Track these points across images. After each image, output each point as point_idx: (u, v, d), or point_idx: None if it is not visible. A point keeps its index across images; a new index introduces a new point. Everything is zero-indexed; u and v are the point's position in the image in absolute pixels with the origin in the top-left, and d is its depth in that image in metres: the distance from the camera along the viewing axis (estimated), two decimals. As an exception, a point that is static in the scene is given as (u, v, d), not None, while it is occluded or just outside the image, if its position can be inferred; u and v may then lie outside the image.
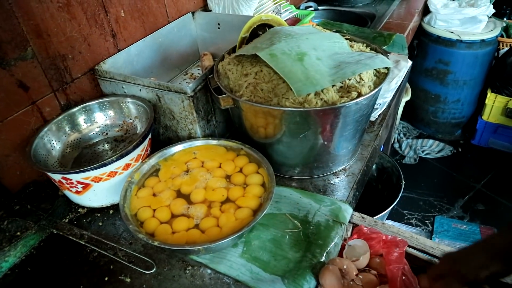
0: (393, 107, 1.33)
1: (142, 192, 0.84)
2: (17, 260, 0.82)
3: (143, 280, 0.76)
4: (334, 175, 0.97)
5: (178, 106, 0.94)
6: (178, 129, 1.00)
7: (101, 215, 0.91)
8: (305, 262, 0.75)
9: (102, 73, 1.02)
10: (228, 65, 0.93)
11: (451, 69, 2.31)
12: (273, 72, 0.84)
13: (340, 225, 0.83)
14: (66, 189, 0.86)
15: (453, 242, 1.90)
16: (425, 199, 2.19)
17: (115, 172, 0.84)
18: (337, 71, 0.84)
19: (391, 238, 0.81)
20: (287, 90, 0.81)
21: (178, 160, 0.91)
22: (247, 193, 0.82)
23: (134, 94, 1.00)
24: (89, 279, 0.77)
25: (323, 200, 0.89)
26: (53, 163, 0.93)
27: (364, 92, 0.82)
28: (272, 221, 0.85)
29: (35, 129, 0.95)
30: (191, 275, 0.76)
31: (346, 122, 0.84)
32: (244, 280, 0.73)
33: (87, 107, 1.02)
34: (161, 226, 0.77)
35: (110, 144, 1.02)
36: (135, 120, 1.02)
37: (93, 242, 0.83)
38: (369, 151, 1.05)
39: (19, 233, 0.85)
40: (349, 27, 1.54)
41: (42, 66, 0.93)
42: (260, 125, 0.87)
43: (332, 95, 0.80)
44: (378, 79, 0.88)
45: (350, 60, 0.88)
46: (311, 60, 0.86)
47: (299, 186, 0.95)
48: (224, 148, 0.93)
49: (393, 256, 0.74)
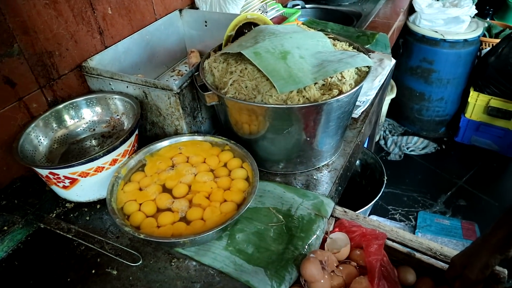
0: (377, 105, 1.36)
1: (128, 187, 0.85)
2: (4, 254, 0.83)
3: (129, 273, 0.77)
4: (317, 171, 1.00)
5: (165, 103, 0.96)
6: (165, 125, 1.02)
7: (88, 209, 0.92)
8: (287, 254, 0.78)
9: (89, 70, 1.03)
10: (214, 62, 0.95)
11: (435, 67, 2.36)
12: (257, 70, 0.86)
13: (322, 219, 0.86)
14: (53, 184, 0.87)
15: (435, 236, 1.96)
16: (409, 195, 2.24)
17: (102, 167, 0.86)
18: (320, 69, 0.87)
19: (371, 231, 0.84)
20: (271, 87, 0.83)
21: (164, 155, 0.92)
22: (231, 187, 0.84)
23: (121, 91, 1.01)
24: (76, 272, 0.79)
25: (306, 195, 0.92)
26: (40, 158, 0.93)
27: (345, 89, 0.84)
28: (256, 214, 0.87)
29: (22, 125, 0.95)
30: (176, 267, 0.78)
31: (328, 118, 0.87)
32: (228, 272, 0.76)
33: (74, 104, 1.03)
34: (147, 219, 0.78)
35: (97, 140, 1.03)
36: (122, 117, 1.04)
37: (80, 236, 0.84)
38: (351, 147, 1.08)
39: (6, 227, 0.86)
40: (334, 26, 1.57)
41: (28, 62, 0.93)
42: (245, 122, 0.89)
43: (314, 92, 0.83)
44: (359, 77, 0.91)
45: (332, 58, 0.91)
46: (294, 58, 0.88)
47: (283, 181, 0.97)
48: (209, 143, 0.95)
49: (372, 248, 0.77)
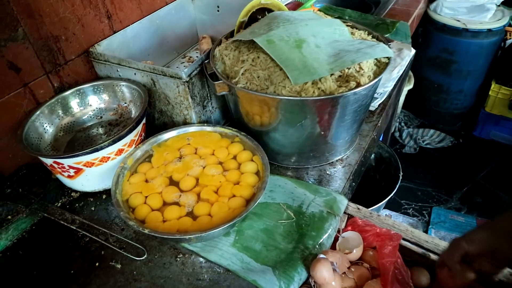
0: (394, 97, 1.31)
1: (134, 178, 0.82)
2: (8, 243, 0.81)
3: (133, 267, 0.75)
4: (331, 165, 0.96)
5: (173, 91, 0.92)
6: (173, 115, 0.98)
7: (93, 199, 0.90)
8: (297, 253, 0.75)
9: (97, 56, 1.00)
10: (225, 50, 0.91)
11: (455, 58, 2.27)
12: (270, 59, 0.82)
13: (334, 217, 0.82)
14: (58, 173, 0.85)
15: (449, 233, 1.90)
16: (423, 190, 2.18)
17: (107, 158, 0.83)
18: (336, 60, 0.82)
19: (385, 231, 0.80)
20: (284, 78, 0.78)
21: (171, 146, 0.89)
22: (241, 181, 0.81)
23: (128, 78, 0.98)
24: (80, 265, 0.77)
25: (318, 191, 0.88)
26: (46, 146, 0.91)
27: (363, 82, 0.79)
28: (266, 210, 0.84)
29: (27, 111, 0.93)
30: (181, 263, 0.75)
31: (344, 112, 0.82)
32: (235, 270, 0.73)
33: (80, 90, 1.00)
34: (152, 213, 0.75)
35: (104, 128, 1.00)
36: (130, 104, 1.01)
37: (85, 227, 0.82)
38: (367, 142, 1.03)
39: (10, 216, 0.84)
40: (352, 13, 1.50)
41: (34, 47, 0.90)
42: (256, 113, 0.85)
43: (330, 84, 0.78)
44: (379, 68, 0.85)
45: (350, 48, 0.86)
46: (309, 47, 0.83)
47: (295, 176, 0.93)
48: (218, 134, 0.91)
49: (386, 250, 0.73)
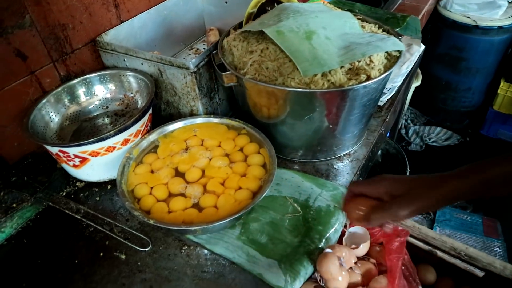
0: (403, 93, 1.29)
1: (140, 169, 0.82)
2: (13, 231, 0.81)
3: (138, 258, 0.74)
4: (338, 160, 0.95)
5: (180, 82, 0.91)
6: (180, 106, 0.97)
7: (99, 189, 0.90)
8: (303, 247, 0.74)
9: (104, 45, 0.99)
10: (233, 41, 0.90)
11: (464, 56, 2.25)
12: (279, 50, 0.80)
13: (341, 211, 0.81)
14: (63, 162, 0.85)
15: (454, 231, 1.89)
16: (429, 187, 2.16)
17: (113, 147, 0.82)
18: (347, 52, 0.80)
19: (393, 227, 0.79)
20: (293, 69, 0.77)
21: (178, 137, 0.88)
22: (247, 174, 0.80)
23: (135, 68, 0.97)
24: (84, 254, 0.76)
25: (325, 185, 0.87)
26: (51, 135, 0.91)
27: (373, 75, 0.78)
28: (272, 203, 0.83)
29: (33, 100, 0.92)
30: (186, 255, 0.74)
31: (353, 105, 0.81)
32: (240, 263, 0.72)
33: (87, 79, 0.99)
34: (157, 204, 0.75)
35: (110, 118, 0.99)
36: (136, 95, 1.00)
37: (90, 217, 0.81)
38: (375, 137, 1.02)
39: (15, 204, 0.84)
40: (362, 7, 1.48)
41: (41, 35, 0.90)
42: (264, 105, 0.84)
43: (339, 77, 0.77)
44: (389, 62, 0.84)
45: (361, 41, 0.84)
46: (319, 39, 0.82)
47: (301, 169, 0.92)
48: (225, 126, 0.90)
49: (393, 246, 0.72)
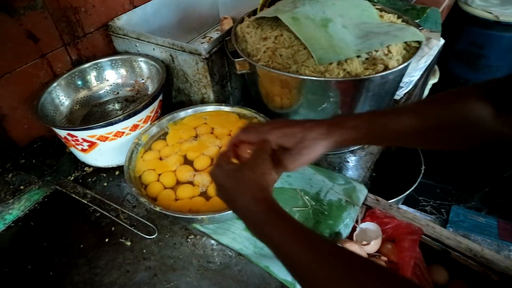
0: (420, 88, 1.26)
1: (148, 155, 0.80)
2: (20, 213, 0.81)
3: (143, 245, 0.73)
4: (351, 153, 0.92)
5: (192, 68, 0.89)
6: (191, 93, 0.96)
7: (106, 175, 0.89)
8: (312, 241, 0.72)
9: (116, 30, 0.98)
10: (247, 27, 0.87)
11: (484, 53, 2.17)
12: (294, 37, 0.78)
13: (353, 206, 0.79)
14: (72, 146, 0.84)
15: (468, 233, 1.84)
16: (443, 187, 2.12)
17: (122, 132, 0.81)
18: (364, 41, 0.78)
19: (406, 225, 0.77)
20: (308, 57, 0.75)
21: (188, 124, 0.87)
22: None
23: (147, 53, 0.96)
24: (89, 239, 0.75)
25: (337, 178, 0.84)
26: (61, 119, 0.90)
27: (391, 65, 0.75)
28: (282, 195, 0.81)
29: (44, 83, 0.92)
30: (192, 244, 0.73)
31: (368, 97, 0.78)
32: (247, 254, 0.70)
33: (98, 64, 0.98)
34: (164, 191, 0.73)
35: (121, 103, 0.98)
36: (147, 81, 0.98)
37: (96, 202, 0.81)
38: (390, 131, 0.99)
39: (22, 187, 0.83)
40: (380, -1, 1.44)
41: (52, 17, 0.88)
42: (277, 94, 0.82)
43: (356, 66, 0.74)
44: (408, 53, 0.81)
45: (379, 30, 0.81)
46: (336, 27, 0.79)
47: (313, 162, 0.90)
48: (236, 115, 0.88)
49: (406, 244, 0.70)
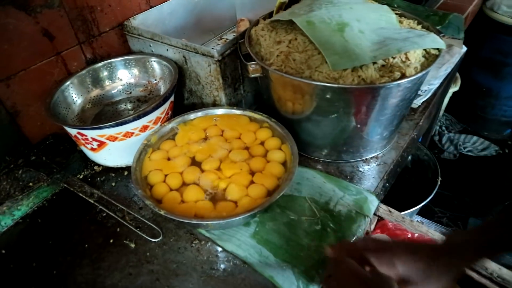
0: (439, 96, 1.21)
1: (156, 155, 0.79)
2: (29, 210, 0.81)
3: (147, 248, 0.72)
4: (364, 162, 0.89)
5: (205, 70, 0.88)
6: (203, 95, 0.95)
7: (115, 175, 0.88)
8: (319, 253, 0.69)
9: (131, 29, 0.98)
10: (261, 30, 0.86)
11: (509, 61, 2.10)
12: (308, 41, 0.76)
13: (364, 218, 0.76)
14: (82, 145, 0.84)
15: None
16: (460, 199, 2.06)
17: (131, 133, 0.80)
18: (381, 47, 0.75)
19: (418, 237, 0.74)
20: (322, 62, 0.73)
21: (197, 125, 0.85)
22: (265, 170, 0.76)
23: (160, 54, 0.95)
24: (94, 239, 0.75)
25: (348, 188, 0.82)
26: (73, 117, 0.90)
27: (408, 73, 0.72)
28: (290, 203, 0.79)
29: (58, 81, 0.92)
30: (197, 250, 0.72)
31: (384, 105, 0.76)
32: (252, 263, 0.68)
33: (112, 64, 0.98)
34: (170, 193, 0.72)
35: (133, 103, 0.98)
36: (160, 82, 0.98)
37: (103, 202, 0.80)
38: (406, 141, 0.95)
39: (31, 183, 0.83)
40: (401, 2, 1.40)
41: (68, 16, 0.89)
42: (289, 99, 0.80)
43: (371, 73, 0.71)
44: (427, 61, 0.78)
45: (397, 36, 0.78)
46: (352, 32, 0.77)
47: (324, 170, 0.88)
48: (247, 118, 0.86)
49: (418, 259, 0.67)
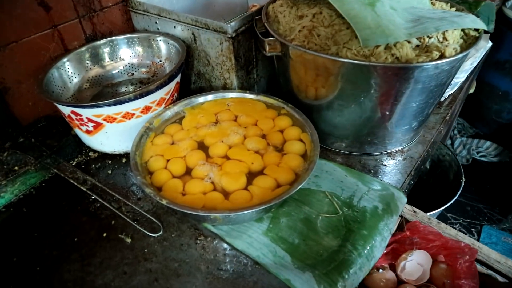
0: (464, 91, 1.13)
1: (159, 139, 0.70)
2: (13, 197, 0.72)
3: (145, 243, 0.63)
4: (389, 156, 0.81)
5: (215, 49, 0.79)
6: (212, 78, 0.86)
7: (112, 162, 0.80)
8: (343, 253, 0.60)
9: (135, 5, 0.89)
10: (280, 7, 0.77)
11: (528, 64, 2.02)
12: (335, 15, 0.67)
13: (391, 216, 0.67)
14: (76, 126, 0.75)
15: (502, 257, 1.68)
16: (474, 205, 1.96)
17: (132, 114, 0.72)
18: (416, 25, 0.66)
19: (454, 243, 0.65)
20: (351, 38, 0.64)
21: (208, 110, 0.77)
22: (283, 161, 0.67)
23: (167, 32, 0.87)
24: (85, 232, 0.66)
25: (373, 183, 0.73)
26: (68, 97, 0.82)
27: (448, 53, 0.64)
28: (308, 198, 0.70)
29: (53, 57, 0.84)
30: (202, 247, 0.63)
31: (417, 89, 0.67)
32: (265, 264, 0.59)
33: (114, 42, 0.89)
34: (171, 181, 0.63)
35: (135, 86, 0.89)
36: (165, 62, 0.89)
37: (98, 191, 0.71)
38: (433, 135, 0.87)
39: (17, 167, 0.75)
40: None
41: (67, -16, 0.81)
42: (310, 81, 0.71)
43: (407, 51, 0.63)
44: (465, 43, 0.69)
45: (432, 15, 0.70)
46: (384, 7, 0.68)
47: (345, 163, 0.79)
48: (263, 104, 0.78)
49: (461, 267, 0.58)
